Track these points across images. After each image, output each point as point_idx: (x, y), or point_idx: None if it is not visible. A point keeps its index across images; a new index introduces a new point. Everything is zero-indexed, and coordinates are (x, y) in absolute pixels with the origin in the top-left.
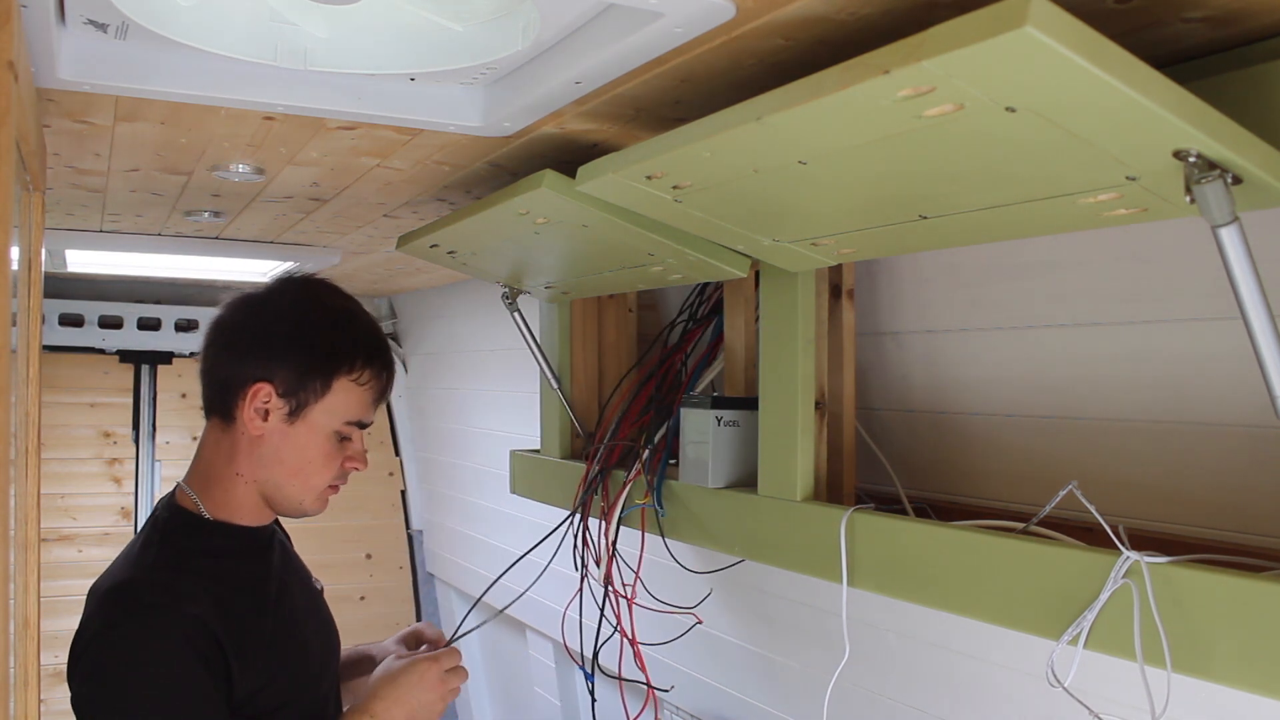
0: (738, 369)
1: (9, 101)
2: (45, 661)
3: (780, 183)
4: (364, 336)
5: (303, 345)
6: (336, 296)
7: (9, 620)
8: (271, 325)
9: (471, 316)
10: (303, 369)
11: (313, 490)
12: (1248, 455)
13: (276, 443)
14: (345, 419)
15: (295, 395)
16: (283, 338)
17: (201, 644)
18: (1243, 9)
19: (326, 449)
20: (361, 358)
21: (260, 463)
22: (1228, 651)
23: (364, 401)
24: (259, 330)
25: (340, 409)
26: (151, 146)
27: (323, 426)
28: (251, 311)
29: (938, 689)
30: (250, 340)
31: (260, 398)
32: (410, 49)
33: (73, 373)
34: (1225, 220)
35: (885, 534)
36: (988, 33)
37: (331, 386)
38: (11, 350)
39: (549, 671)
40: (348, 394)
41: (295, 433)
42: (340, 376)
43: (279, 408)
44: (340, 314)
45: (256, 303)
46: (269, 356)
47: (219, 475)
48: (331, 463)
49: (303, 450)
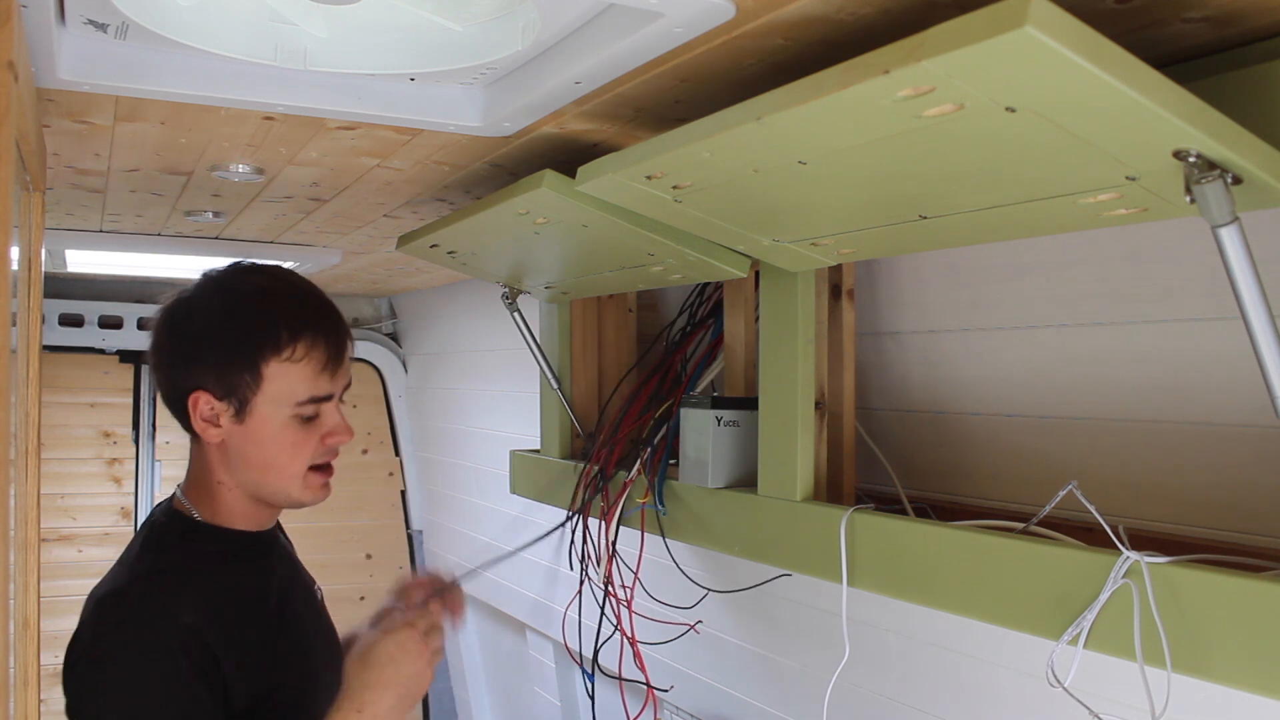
0: (738, 369)
1: (9, 101)
2: (45, 661)
3: (780, 183)
4: (281, 312)
5: (219, 341)
6: (251, 276)
7: (9, 620)
8: (187, 330)
9: (471, 316)
10: (227, 366)
11: (294, 478)
12: (1248, 455)
13: (238, 444)
14: (295, 401)
15: (233, 395)
16: (201, 339)
17: (196, 654)
18: (1243, 9)
19: (291, 436)
20: (285, 334)
21: (233, 467)
22: (1228, 651)
23: (308, 376)
24: (180, 338)
25: (284, 393)
26: (151, 146)
27: (274, 416)
28: (171, 321)
29: (938, 689)
30: (175, 352)
31: (202, 406)
32: (410, 49)
33: (73, 373)
34: (1225, 220)
35: (885, 534)
36: (988, 33)
37: (262, 374)
38: (11, 350)
39: (549, 671)
40: (285, 376)
41: (250, 430)
42: (268, 361)
43: (224, 411)
44: (252, 295)
45: (175, 310)
46: (194, 362)
47: (206, 484)
48: (303, 447)
49: (264, 445)
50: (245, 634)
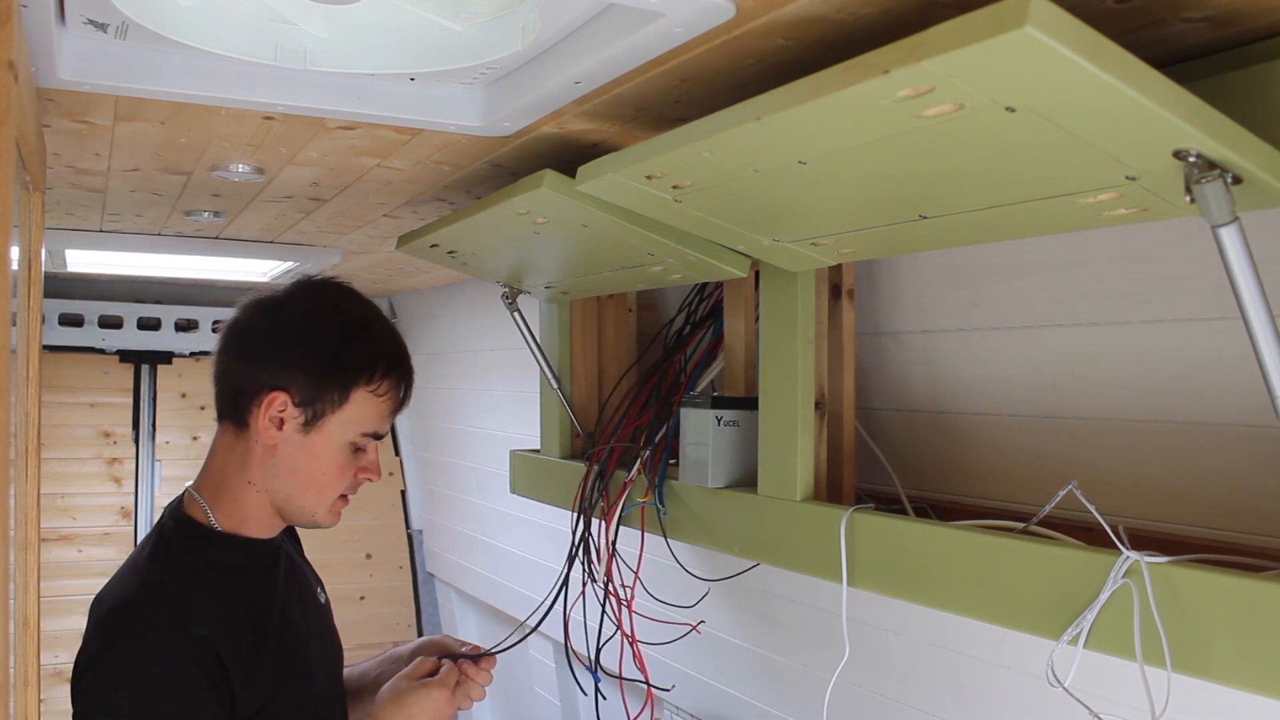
0: (738, 369)
1: (9, 101)
2: (45, 661)
3: (780, 183)
4: (385, 346)
5: (322, 354)
6: (355, 302)
7: (9, 620)
8: (289, 332)
9: (471, 316)
10: (321, 379)
11: (325, 501)
12: (1248, 455)
13: (291, 452)
14: (361, 430)
15: (312, 405)
16: (301, 346)
17: (208, 664)
18: (1243, 9)
19: (341, 460)
20: (381, 368)
21: (273, 472)
22: (1228, 651)
23: (381, 413)
24: (276, 337)
25: (357, 420)
26: (151, 146)
27: (338, 437)
28: (268, 316)
29: (938, 689)
30: (266, 347)
31: (276, 406)
32: (410, 49)
33: (73, 373)
34: (1225, 220)
35: (885, 534)
36: (988, 33)
37: (350, 398)
38: (11, 350)
39: (549, 671)
40: (365, 405)
41: (310, 443)
42: (359, 388)
43: (294, 417)
44: (360, 322)
45: (273, 307)
46: (286, 365)
47: (230, 483)
48: (345, 474)
49: (317, 461)
50: (252, 644)
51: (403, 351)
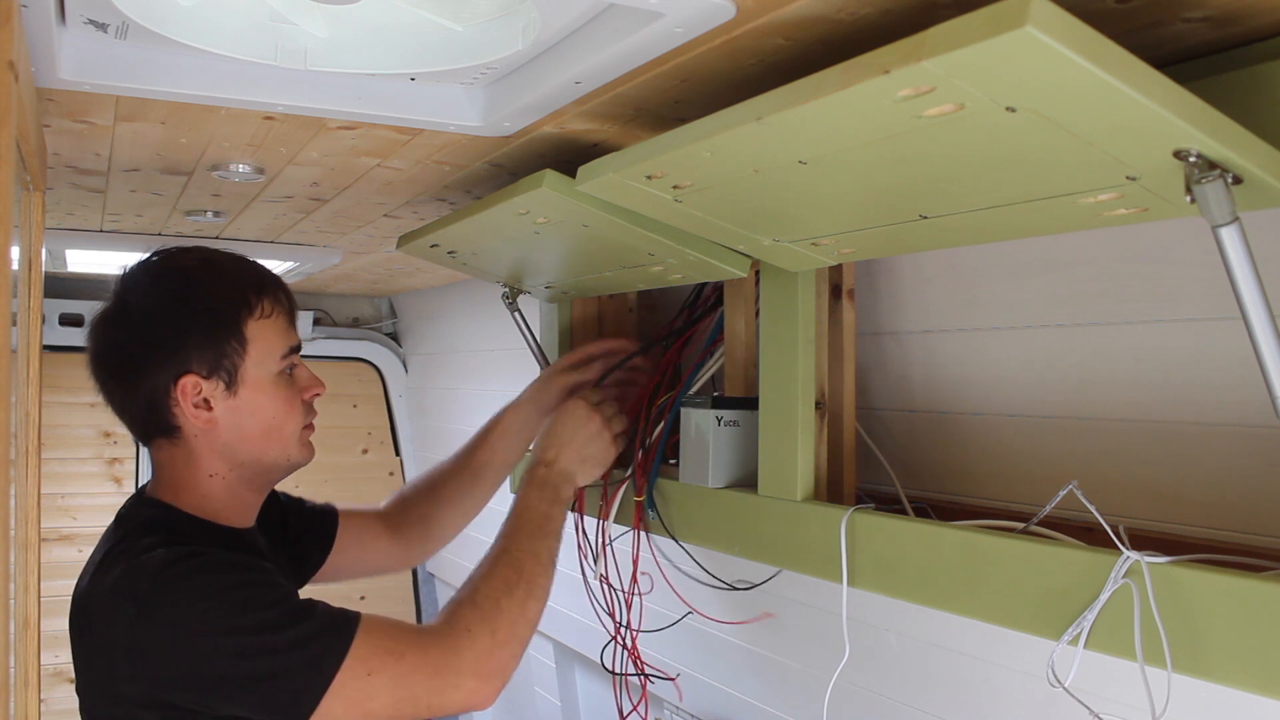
0: (738, 369)
1: (9, 101)
2: (45, 661)
3: (780, 183)
4: (236, 277)
5: (193, 320)
6: (183, 257)
7: (9, 620)
8: (150, 322)
9: (471, 316)
10: (211, 338)
11: (291, 440)
12: (1248, 455)
13: (233, 420)
14: (278, 355)
15: (221, 367)
16: (171, 324)
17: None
18: (1243, 9)
19: (282, 394)
20: (252, 295)
21: (229, 448)
22: (1228, 651)
23: (282, 328)
24: (143, 335)
25: (267, 350)
26: (152, 146)
27: (264, 377)
28: (124, 324)
29: (937, 689)
30: (140, 350)
31: (191, 391)
32: (410, 49)
33: (73, 373)
34: (1225, 220)
35: (885, 534)
36: (988, 33)
37: (246, 336)
38: (11, 350)
39: (549, 671)
40: (264, 332)
41: (244, 400)
42: (247, 322)
43: (214, 388)
44: (201, 266)
45: (120, 315)
46: (173, 349)
47: (189, 484)
48: (294, 405)
49: (261, 410)
50: None
51: (252, 269)
